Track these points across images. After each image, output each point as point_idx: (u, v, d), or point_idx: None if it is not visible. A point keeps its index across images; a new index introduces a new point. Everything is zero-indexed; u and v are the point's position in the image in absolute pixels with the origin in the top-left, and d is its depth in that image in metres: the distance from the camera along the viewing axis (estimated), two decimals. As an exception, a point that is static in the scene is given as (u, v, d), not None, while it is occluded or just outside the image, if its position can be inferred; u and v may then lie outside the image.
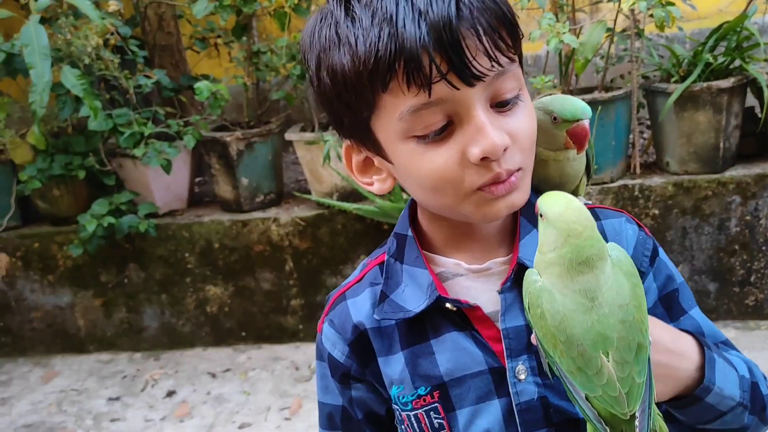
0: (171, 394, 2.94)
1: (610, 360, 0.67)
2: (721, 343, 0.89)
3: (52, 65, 2.74)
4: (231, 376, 3.02)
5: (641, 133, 3.35)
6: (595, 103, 2.65)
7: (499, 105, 0.73)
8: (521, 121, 0.75)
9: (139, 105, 3.14)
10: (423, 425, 0.84)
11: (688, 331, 0.84)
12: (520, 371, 0.80)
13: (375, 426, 0.91)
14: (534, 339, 0.73)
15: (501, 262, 0.84)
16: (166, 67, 3.50)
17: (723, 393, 0.79)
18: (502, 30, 0.72)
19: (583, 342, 0.67)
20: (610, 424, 0.68)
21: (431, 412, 0.84)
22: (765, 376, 0.87)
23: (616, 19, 2.71)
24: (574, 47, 2.60)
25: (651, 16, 2.49)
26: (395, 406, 0.86)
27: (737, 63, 2.74)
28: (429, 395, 0.83)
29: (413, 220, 0.89)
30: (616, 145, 2.79)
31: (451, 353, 0.82)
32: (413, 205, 0.89)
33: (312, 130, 3.11)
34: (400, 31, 0.68)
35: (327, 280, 3.13)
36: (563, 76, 2.91)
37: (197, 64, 3.72)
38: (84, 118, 2.94)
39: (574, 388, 0.69)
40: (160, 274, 3.23)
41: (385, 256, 0.88)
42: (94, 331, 3.36)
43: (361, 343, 0.87)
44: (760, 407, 0.84)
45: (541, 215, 0.70)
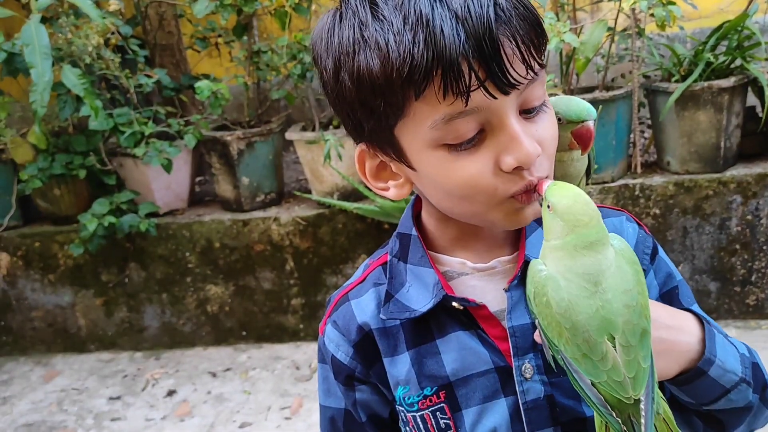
0: (171, 393, 2.94)
1: (615, 345, 0.67)
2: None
3: (52, 64, 2.74)
4: (231, 376, 3.02)
5: (642, 132, 3.35)
6: (596, 102, 2.65)
7: (526, 111, 0.72)
8: (547, 128, 0.74)
9: (139, 104, 3.14)
10: (429, 426, 0.84)
11: (689, 309, 0.84)
12: (527, 370, 0.80)
13: (379, 428, 0.91)
14: (537, 336, 0.73)
15: (506, 261, 0.84)
16: (166, 67, 3.50)
17: (725, 366, 0.78)
18: (534, 36, 0.70)
19: (588, 328, 0.67)
20: (617, 410, 0.68)
21: (437, 413, 0.83)
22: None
23: (616, 18, 2.71)
24: (574, 46, 2.60)
25: (652, 15, 2.50)
26: (400, 408, 0.86)
27: (738, 62, 2.74)
28: (435, 395, 0.83)
29: (416, 219, 0.88)
30: (617, 144, 2.80)
31: (457, 353, 0.82)
32: (416, 205, 0.89)
33: (312, 130, 3.11)
34: (437, 38, 0.65)
35: (327, 279, 3.13)
36: (564, 76, 2.92)
37: (198, 64, 3.72)
38: (85, 117, 2.94)
39: (580, 376, 0.69)
40: (161, 274, 3.23)
41: (388, 257, 0.88)
42: (95, 330, 3.36)
43: (366, 344, 0.86)
44: (762, 386, 0.83)
45: (548, 206, 0.70)
